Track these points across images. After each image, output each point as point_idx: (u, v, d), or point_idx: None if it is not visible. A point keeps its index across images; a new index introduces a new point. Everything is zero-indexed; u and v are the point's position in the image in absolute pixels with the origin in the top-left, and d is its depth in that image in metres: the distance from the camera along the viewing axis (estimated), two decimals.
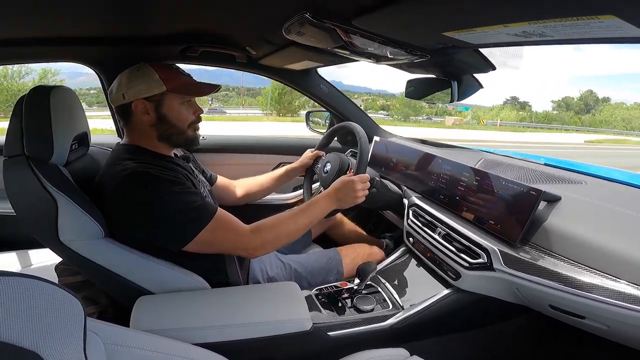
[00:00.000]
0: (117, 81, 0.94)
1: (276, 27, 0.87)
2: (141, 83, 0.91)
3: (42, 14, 0.88)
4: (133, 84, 0.91)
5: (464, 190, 1.06)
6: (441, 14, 0.60)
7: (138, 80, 0.91)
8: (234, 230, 0.89)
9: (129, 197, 0.83)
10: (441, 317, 1.03)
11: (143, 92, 0.91)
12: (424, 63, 1.00)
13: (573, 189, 0.95)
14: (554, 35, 0.55)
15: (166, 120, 0.94)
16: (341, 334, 0.94)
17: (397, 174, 1.41)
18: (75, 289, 1.08)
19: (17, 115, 0.84)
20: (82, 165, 0.99)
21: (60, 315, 0.35)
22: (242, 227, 0.90)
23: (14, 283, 0.32)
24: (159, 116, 0.94)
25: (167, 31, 1.13)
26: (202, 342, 0.73)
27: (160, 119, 0.94)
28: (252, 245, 0.90)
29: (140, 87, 0.91)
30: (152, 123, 0.94)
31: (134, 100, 0.91)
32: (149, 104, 0.92)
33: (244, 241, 0.89)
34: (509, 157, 1.29)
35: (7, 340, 0.30)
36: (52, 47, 1.21)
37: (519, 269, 0.83)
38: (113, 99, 0.95)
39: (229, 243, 0.89)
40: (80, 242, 0.84)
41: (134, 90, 0.91)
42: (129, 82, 0.91)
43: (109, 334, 0.45)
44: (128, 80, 0.92)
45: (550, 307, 0.83)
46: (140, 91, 0.91)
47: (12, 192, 0.85)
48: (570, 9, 0.44)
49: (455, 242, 1.01)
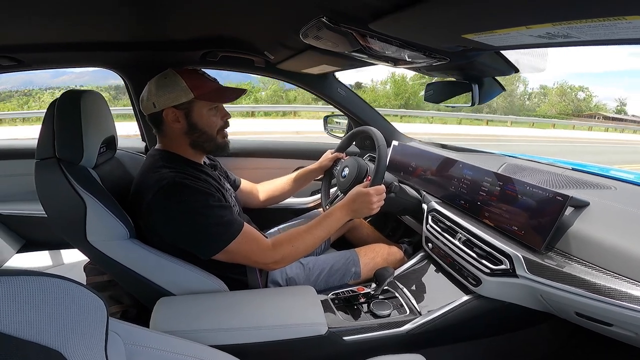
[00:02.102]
0: (147, 89, 0.97)
1: (293, 32, 0.87)
2: (170, 91, 0.93)
3: (70, 21, 0.91)
4: (162, 92, 0.93)
5: (486, 195, 1.04)
6: (460, 17, 0.58)
7: (166, 88, 0.93)
8: (257, 245, 0.93)
9: (165, 207, 0.87)
10: (459, 324, 1.00)
11: (172, 100, 0.93)
12: (443, 66, 0.98)
13: (602, 194, 0.91)
14: (580, 36, 0.53)
15: (197, 127, 0.97)
16: (356, 339, 0.93)
17: (416, 179, 1.39)
18: (101, 288, 1.12)
19: (49, 119, 0.87)
20: (109, 168, 1.02)
21: (84, 315, 0.36)
22: (265, 242, 0.94)
23: (39, 282, 0.33)
24: (190, 123, 0.96)
25: (189, 36, 1.16)
26: (218, 344, 0.74)
27: (191, 127, 0.97)
28: (273, 259, 0.93)
29: (169, 96, 0.93)
30: (184, 131, 0.97)
31: (165, 108, 0.94)
32: (178, 112, 0.95)
33: (266, 256, 0.93)
34: (534, 162, 1.25)
35: (32, 339, 0.31)
36: (79, 52, 1.25)
37: (544, 276, 0.81)
38: (144, 107, 0.98)
39: (252, 256, 0.92)
40: (106, 242, 0.87)
41: (163, 98, 0.93)
42: (157, 91, 0.94)
43: (129, 334, 0.46)
44: (157, 89, 0.94)
45: (576, 314, 0.81)
46: (169, 99, 0.93)
47: (44, 194, 0.89)
48: (596, 10, 0.42)
49: (476, 247, 0.99)
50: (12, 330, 0.30)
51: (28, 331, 0.31)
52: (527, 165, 1.19)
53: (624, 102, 35.62)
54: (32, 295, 0.32)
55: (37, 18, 0.86)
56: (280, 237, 0.97)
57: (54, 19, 0.89)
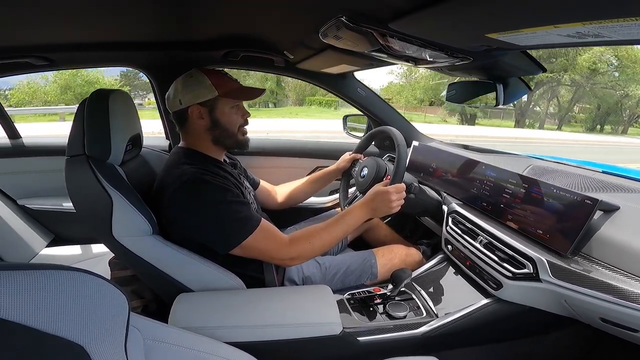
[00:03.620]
0: (173, 88, 1.01)
1: (313, 31, 0.88)
2: (195, 89, 0.97)
3: (98, 21, 0.94)
4: (188, 90, 0.97)
5: (510, 197, 1.01)
6: (484, 16, 0.57)
7: (192, 86, 0.97)
8: (274, 241, 0.94)
9: (185, 201, 0.89)
10: (478, 327, 0.99)
11: (197, 97, 0.97)
12: (466, 66, 0.96)
13: (633, 198, 0.87)
14: (612, 36, 0.51)
15: (219, 124, 1.01)
16: (371, 340, 0.93)
17: (437, 180, 1.37)
18: (124, 282, 1.16)
19: (79, 117, 0.91)
20: (135, 165, 1.06)
21: (106, 309, 0.37)
22: (282, 238, 0.95)
23: (65, 276, 0.34)
24: (213, 120, 1.00)
25: (211, 36, 1.18)
26: (233, 340, 0.75)
27: (214, 123, 1.01)
28: (289, 255, 0.94)
29: (195, 93, 0.97)
30: (208, 127, 1.01)
31: (190, 105, 0.98)
32: (203, 109, 0.99)
33: (283, 251, 0.94)
34: (562, 164, 1.21)
35: (55, 333, 0.32)
36: (107, 52, 1.29)
37: (569, 281, 0.79)
38: (170, 105, 1.02)
39: (269, 252, 0.94)
40: (129, 237, 0.90)
41: (190, 95, 0.97)
42: (184, 89, 0.98)
43: (148, 329, 0.47)
44: (183, 87, 0.98)
45: (601, 320, 0.78)
46: (195, 96, 0.97)
47: (73, 190, 0.93)
48: (628, 9, 0.40)
49: (497, 250, 0.97)
50: (34, 323, 0.31)
51: (50, 324, 0.31)
52: (554, 167, 1.15)
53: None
54: (57, 289, 0.33)
55: (67, 18, 0.89)
56: (297, 233, 0.98)
57: (83, 21, 0.92)
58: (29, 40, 1.08)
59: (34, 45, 1.15)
